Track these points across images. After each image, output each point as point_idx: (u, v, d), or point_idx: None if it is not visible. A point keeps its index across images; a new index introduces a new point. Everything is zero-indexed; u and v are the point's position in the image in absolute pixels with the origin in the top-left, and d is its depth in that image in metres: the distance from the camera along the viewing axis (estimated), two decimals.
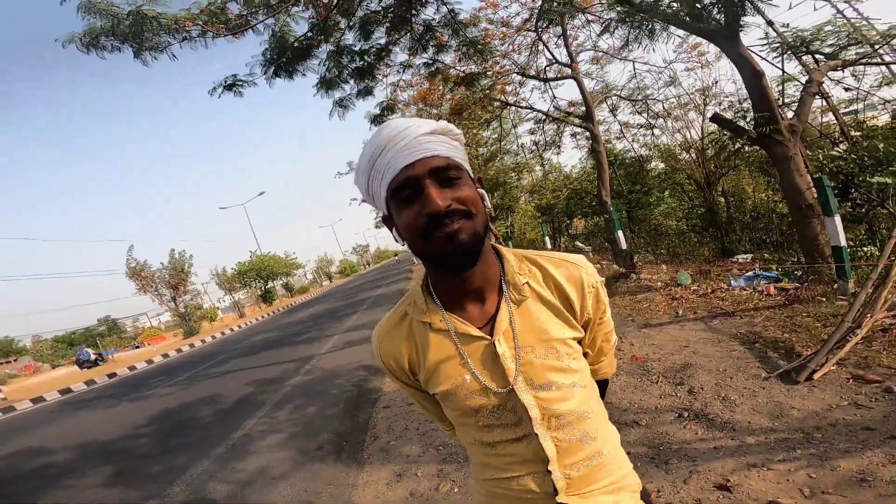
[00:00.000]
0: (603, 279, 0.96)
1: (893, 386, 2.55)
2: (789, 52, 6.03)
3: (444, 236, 0.76)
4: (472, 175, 0.84)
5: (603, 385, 1.11)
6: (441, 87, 11.20)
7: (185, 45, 5.45)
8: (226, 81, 6.16)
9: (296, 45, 6.04)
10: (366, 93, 7.47)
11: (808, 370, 2.85)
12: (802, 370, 2.87)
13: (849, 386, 2.70)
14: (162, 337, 32.51)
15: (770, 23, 5.67)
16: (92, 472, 4.67)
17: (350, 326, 11.13)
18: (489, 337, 0.86)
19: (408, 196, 0.77)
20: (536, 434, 0.86)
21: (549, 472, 0.87)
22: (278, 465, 3.76)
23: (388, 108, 8.82)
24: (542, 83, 11.10)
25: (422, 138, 0.77)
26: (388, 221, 0.87)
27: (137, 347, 29.92)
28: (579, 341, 0.93)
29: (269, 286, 38.78)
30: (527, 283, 0.88)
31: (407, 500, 2.74)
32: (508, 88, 11.51)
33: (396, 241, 0.87)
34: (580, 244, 13.10)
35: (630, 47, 6.50)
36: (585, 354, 0.98)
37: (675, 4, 5.34)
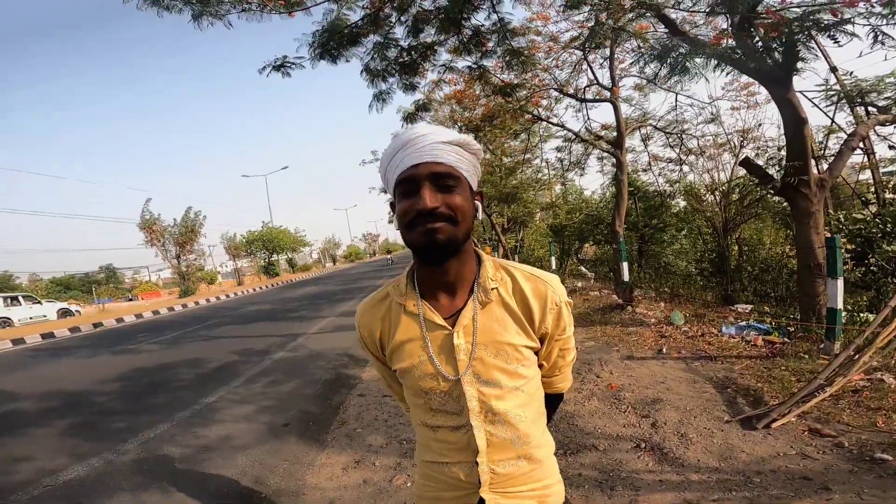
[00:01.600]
0: (571, 301, 1.01)
1: (845, 442, 2.58)
2: (843, 101, 5.81)
3: (425, 231, 0.85)
4: (473, 187, 0.92)
5: (556, 399, 1.17)
6: (477, 91, 11.23)
7: (243, 15, 5.65)
8: (275, 61, 6.33)
9: (345, 31, 6.15)
10: (410, 88, 7.59)
11: (768, 418, 2.87)
12: (763, 418, 2.90)
13: (803, 437, 2.73)
14: (157, 293, 32.75)
15: (834, 69, 5.45)
16: (52, 422, 4.65)
17: (344, 311, 11.20)
18: (450, 328, 0.94)
19: (407, 191, 0.87)
20: (472, 425, 0.93)
21: (477, 463, 0.94)
22: (241, 435, 3.78)
23: (422, 107, 8.86)
24: (578, 102, 11.06)
25: (436, 145, 0.86)
26: (393, 207, 0.95)
27: (131, 300, 30.18)
28: (536, 352, 0.99)
29: (273, 258, 39.02)
30: (496, 288, 0.95)
31: (359, 487, 2.77)
32: (543, 103, 11.47)
33: (390, 223, 0.98)
34: (584, 269, 13.04)
35: (671, 79, 6.38)
36: (541, 366, 1.04)
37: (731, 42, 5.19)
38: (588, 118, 11.56)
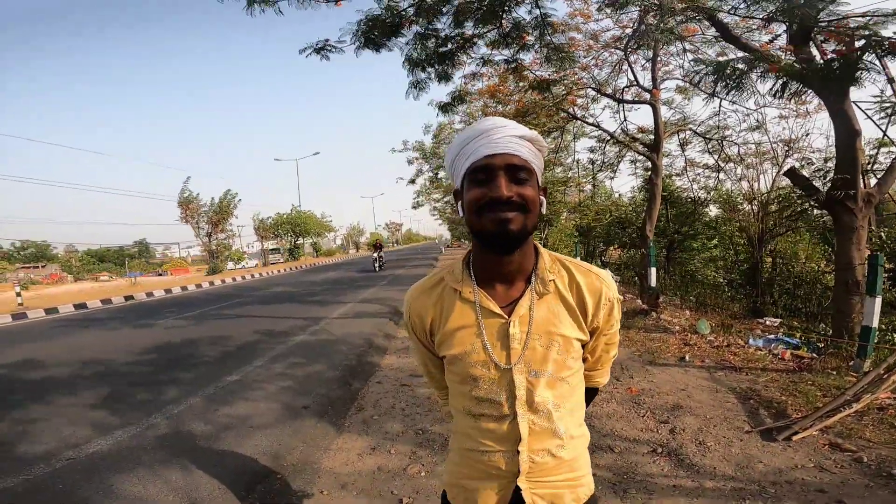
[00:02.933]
0: (621, 298, 1.03)
1: (865, 457, 2.56)
2: None
3: (498, 219, 0.88)
4: (540, 182, 0.96)
5: (592, 393, 1.18)
6: (511, 87, 11.09)
7: (293, 2, 5.79)
8: (317, 44, 6.45)
9: (388, 20, 6.21)
10: (445, 77, 7.63)
11: (789, 431, 2.83)
12: (784, 430, 2.86)
13: (822, 451, 2.70)
14: (186, 269, 33.59)
15: (891, 79, 5.19)
16: (79, 391, 4.74)
17: (366, 298, 11.33)
18: (507, 317, 0.95)
19: (482, 179, 0.90)
20: (517, 413, 0.94)
21: (518, 452, 0.95)
22: (261, 415, 3.84)
23: (458, 98, 8.84)
24: (616, 103, 10.84)
25: (511, 138, 0.90)
26: (457, 195, 0.99)
27: (160, 275, 31.01)
28: (583, 345, 1.01)
29: (298, 241, 39.60)
30: (553, 280, 0.98)
31: (373, 473, 2.80)
32: (579, 101, 11.23)
33: (457, 212, 1.00)
34: (609, 272, 12.85)
35: (717, 92, 6.18)
36: (584, 360, 1.06)
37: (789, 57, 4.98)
38: (625, 119, 11.30)
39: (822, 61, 4.82)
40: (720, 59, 7.51)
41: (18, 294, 14.07)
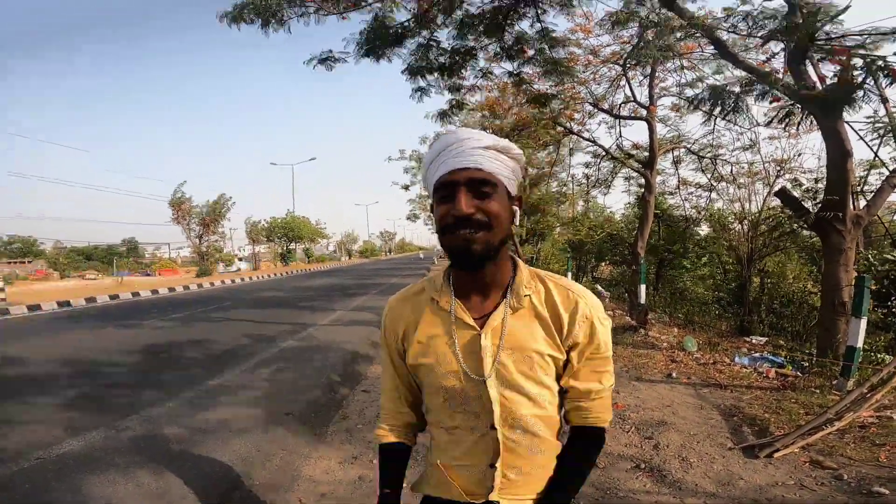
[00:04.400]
0: (610, 320, 0.99)
1: (845, 474, 2.57)
2: (890, 135, 5.59)
3: (462, 239, 0.86)
4: (511, 192, 0.93)
5: (596, 436, 1.02)
6: (509, 101, 11.17)
7: (301, 20, 6.14)
8: (321, 55, 6.64)
9: (391, 31, 6.34)
10: (455, 89, 7.92)
11: (771, 448, 2.84)
12: (766, 447, 2.87)
13: (803, 468, 2.71)
14: (175, 270, 33.06)
15: (885, 100, 5.22)
16: (55, 391, 4.61)
17: (357, 306, 11.26)
18: (479, 329, 0.94)
19: (445, 196, 0.89)
20: (495, 428, 0.93)
21: (494, 468, 0.93)
22: (242, 420, 3.76)
23: (456, 106, 8.91)
24: (612, 118, 10.95)
25: (475, 151, 0.87)
26: (433, 210, 0.97)
27: (148, 275, 30.54)
28: (564, 365, 0.96)
29: (291, 247, 39.43)
30: (528, 296, 0.96)
31: (354, 483, 2.76)
32: (576, 116, 11.36)
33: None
34: (600, 288, 12.90)
35: (714, 116, 6.26)
36: (571, 389, 0.97)
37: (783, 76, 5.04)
38: (621, 135, 11.38)
39: (821, 87, 4.88)
40: (716, 76, 7.61)
41: (1, 289, 13.79)
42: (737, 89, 5.18)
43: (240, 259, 39.98)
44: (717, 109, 5.54)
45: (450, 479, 0.98)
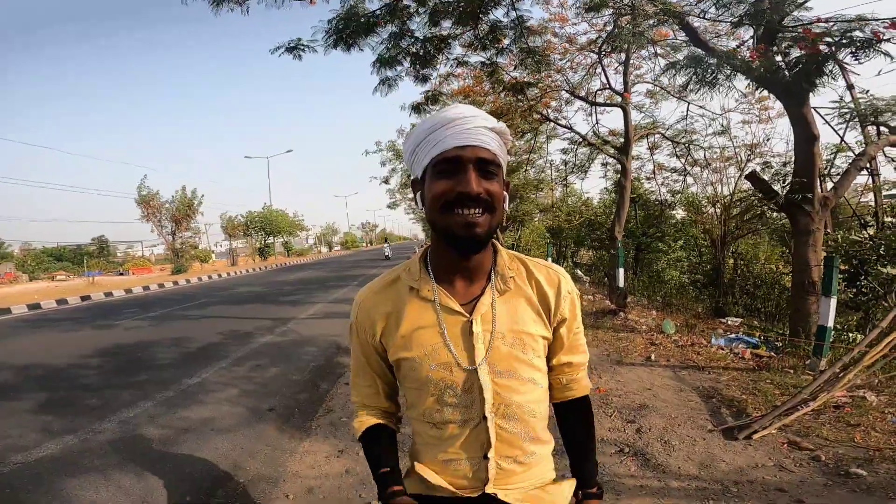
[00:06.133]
0: (579, 293, 1.00)
1: (822, 455, 2.63)
2: (855, 120, 5.72)
3: (465, 221, 0.83)
4: (504, 178, 0.91)
5: (589, 402, 1.06)
6: (486, 88, 11.10)
7: (263, 1, 5.64)
8: (289, 43, 6.32)
9: (363, 20, 6.11)
10: (422, 79, 7.60)
11: (750, 430, 2.90)
12: (745, 429, 2.92)
13: (781, 450, 2.76)
14: (148, 269, 32.11)
15: (851, 86, 5.33)
16: (29, 395, 4.53)
17: (337, 298, 11.18)
18: (468, 315, 0.91)
19: (448, 170, 0.84)
20: (485, 418, 0.90)
21: (487, 458, 0.91)
22: (223, 418, 3.72)
23: (431, 99, 8.80)
24: (588, 106, 11.02)
25: (483, 129, 0.85)
26: (416, 185, 0.93)
27: (122, 274, 29.69)
28: (549, 345, 0.97)
29: (269, 241, 38.81)
30: (513, 277, 0.94)
31: (340, 476, 2.74)
32: (553, 104, 11.39)
33: (415, 204, 0.93)
34: (580, 272, 13.06)
35: (691, 89, 6.31)
36: (558, 367, 1.00)
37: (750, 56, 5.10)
38: (597, 122, 11.53)
39: (785, 66, 4.97)
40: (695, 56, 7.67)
41: None
42: (713, 61, 5.21)
43: (215, 256, 39.18)
44: (695, 81, 5.56)
45: (437, 477, 0.95)
